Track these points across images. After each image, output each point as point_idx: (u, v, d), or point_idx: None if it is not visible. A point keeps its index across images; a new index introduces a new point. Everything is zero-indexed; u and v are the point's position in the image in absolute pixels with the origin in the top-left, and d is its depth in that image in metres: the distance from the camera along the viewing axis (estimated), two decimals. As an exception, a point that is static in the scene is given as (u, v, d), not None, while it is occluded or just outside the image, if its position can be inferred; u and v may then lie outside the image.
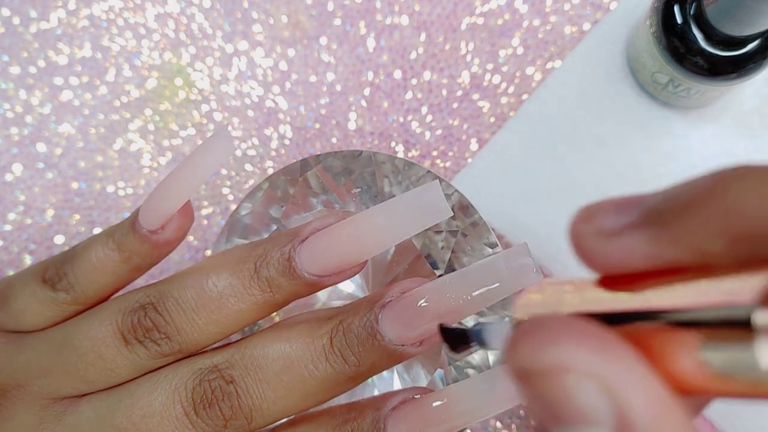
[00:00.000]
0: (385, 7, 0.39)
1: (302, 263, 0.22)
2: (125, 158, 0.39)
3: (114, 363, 0.22)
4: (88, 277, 0.23)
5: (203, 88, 0.39)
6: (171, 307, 0.22)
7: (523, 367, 0.13)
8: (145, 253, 0.24)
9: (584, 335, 0.13)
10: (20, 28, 0.39)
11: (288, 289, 0.22)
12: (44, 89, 0.39)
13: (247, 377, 0.21)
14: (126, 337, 0.22)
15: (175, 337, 0.22)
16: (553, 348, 0.13)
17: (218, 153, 0.22)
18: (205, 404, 0.21)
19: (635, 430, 0.12)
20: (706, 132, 0.37)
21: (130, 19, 0.39)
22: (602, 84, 0.37)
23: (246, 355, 0.22)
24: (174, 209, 0.23)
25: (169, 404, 0.21)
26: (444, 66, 0.39)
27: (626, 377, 0.12)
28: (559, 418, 0.13)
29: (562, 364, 0.13)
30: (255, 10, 0.39)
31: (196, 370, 0.22)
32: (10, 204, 0.39)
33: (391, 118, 0.39)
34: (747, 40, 0.30)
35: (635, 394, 0.12)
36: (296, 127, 0.39)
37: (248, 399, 0.21)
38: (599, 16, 0.38)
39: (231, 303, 0.22)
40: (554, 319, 0.13)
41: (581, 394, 0.12)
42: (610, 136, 0.37)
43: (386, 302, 0.21)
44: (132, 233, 0.23)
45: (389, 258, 0.29)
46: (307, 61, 0.39)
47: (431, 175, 0.28)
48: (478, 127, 0.38)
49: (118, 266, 0.23)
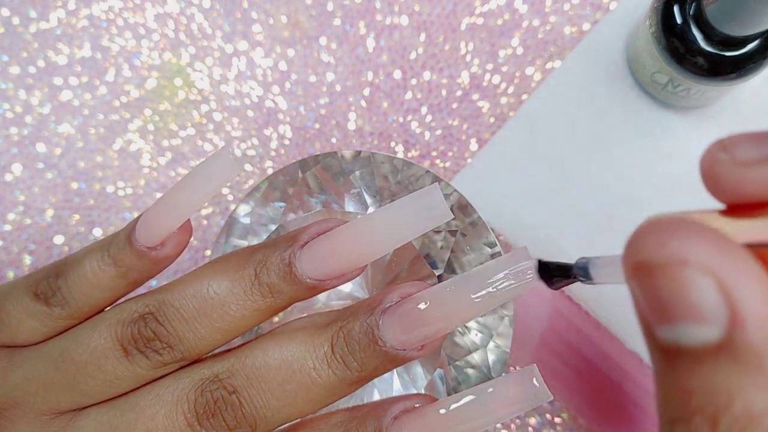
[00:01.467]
0: (384, 7, 0.39)
1: (303, 268, 0.22)
2: (125, 158, 0.39)
3: (114, 375, 0.22)
4: (83, 292, 0.23)
5: (203, 88, 0.39)
6: (172, 317, 0.22)
7: (641, 260, 0.13)
8: (143, 269, 0.23)
9: (706, 234, 0.13)
10: (20, 28, 0.39)
11: (289, 293, 0.22)
12: (44, 89, 0.39)
13: (250, 387, 0.21)
14: (126, 348, 0.22)
15: (177, 346, 0.22)
16: (674, 241, 0.13)
17: (222, 175, 0.22)
18: (208, 414, 0.21)
19: (746, 330, 0.12)
20: (705, 132, 0.37)
21: (130, 19, 0.39)
22: (602, 84, 0.37)
23: (247, 365, 0.21)
24: (174, 227, 0.23)
25: (172, 416, 0.21)
26: (444, 66, 0.39)
27: (743, 277, 0.12)
28: (670, 315, 0.13)
29: (681, 257, 0.13)
30: (255, 10, 0.39)
31: (197, 380, 0.22)
32: (10, 204, 0.39)
33: (390, 118, 0.39)
34: (747, 40, 0.30)
35: (751, 294, 0.12)
36: (296, 127, 0.39)
37: (251, 408, 0.21)
38: (599, 16, 0.38)
39: (233, 310, 0.22)
40: (677, 219, 0.13)
41: (697, 289, 0.12)
42: (609, 136, 0.37)
43: (386, 307, 0.21)
44: (129, 248, 0.23)
45: (388, 258, 0.29)
46: (307, 61, 0.39)
47: (430, 175, 0.28)
48: (478, 127, 0.38)
49: (114, 281, 0.23)
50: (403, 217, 0.21)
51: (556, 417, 0.36)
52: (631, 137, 0.37)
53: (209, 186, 0.22)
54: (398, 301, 0.21)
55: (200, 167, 0.22)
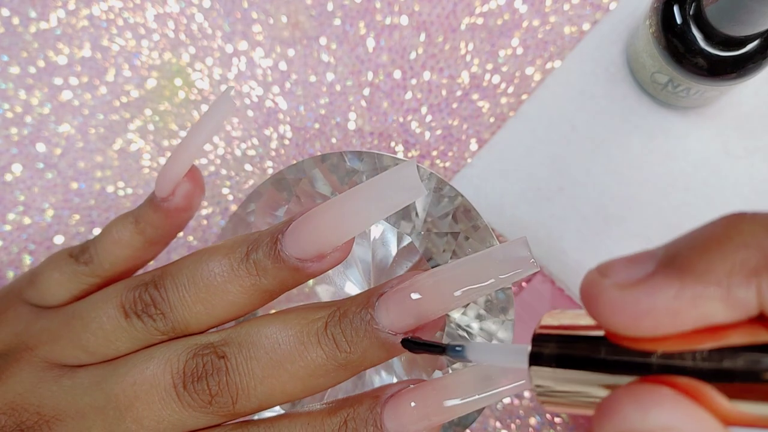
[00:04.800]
0: (384, 7, 0.39)
1: (285, 246, 0.22)
2: (125, 158, 0.39)
3: (114, 335, 0.23)
4: (106, 249, 0.25)
5: (203, 88, 0.39)
6: (168, 284, 0.23)
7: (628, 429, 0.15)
8: (158, 223, 0.25)
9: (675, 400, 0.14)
10: (20, 28, 0.39)
11: (273, 273, 0.22)
12: (44, 89, 0.39)
13: (239, 354, 0.22)
14: (126, 311, 0.23)
15: (168, 314, 0.23)
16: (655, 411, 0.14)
17: (220, 113, 0.23)
18: (194, 378, 0.22)
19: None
20: (705, 132, 0.37)
21: (130, 20, 0.39)
22: (602, 84, 0.37)
23: (242, 334, 0.22)
24: (182, 172, 0.24)
25: (159, 374, 0.22)
26: (444, 66, 0.39)
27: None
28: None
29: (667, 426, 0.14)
30: (255, 11, 0.39)
31: (191, 345, 0.23)
32: (10, 204, 0.39)
33: (390, 118, 0.39)
34: (746, 40, 0.30)
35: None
36: (296, 127, 0.39)
37: (235, 375, 0.22)
38: (599, 16, 0.38)
39: (217, 282, 0.22)
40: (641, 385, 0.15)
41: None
42: (609, 136, 0.37)
43: (383, 292, 0.22)
44: (148, 204, 0.25)
45: (391, 261, 0.29)
46: (307, 61, 0.39)
47: (435, 177, 0.28)
48: (478, 127, 0.38)
49: (133, 238, 0.25)
50: (379, 192, 0.21)
51: (557, 417, 0.36)
52: (631, 137, 0.37)
53: (210, 123, 0.23)
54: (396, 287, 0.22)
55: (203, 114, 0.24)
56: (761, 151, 0.36)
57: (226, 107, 0.23)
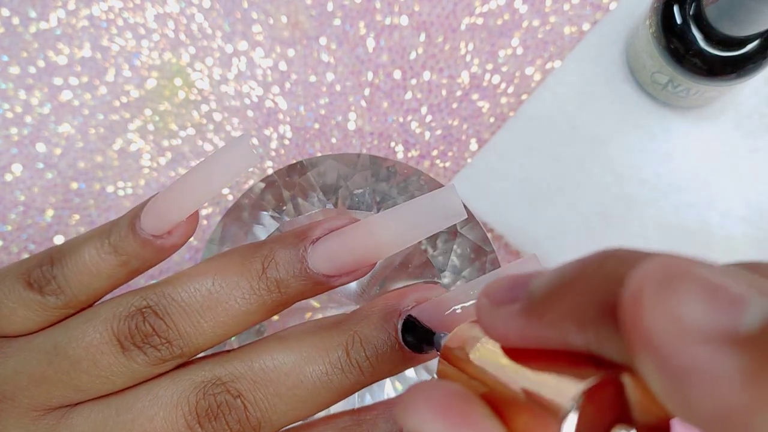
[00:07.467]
0: (384, 8, 0.39)
1: (315, 264, 0.21)
2: (125, 158, 0.39)
3: (110, 371, 0.21)
4: (80, 281, 0.22)
5: (203, 88, 0.39)
6: (173, 311, 0.21)
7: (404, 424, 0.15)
8: (146, 257, 0.22)
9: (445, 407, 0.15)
10: (20, 28, 0.39)
11: (297, 288, 0.22)
12: (44, 89, 0.39)
13: (256, 391, 0.21)
14: (123, 344, 0.21)
15: (177, 341, 0.21)
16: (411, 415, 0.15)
17: (240, 164, 0.21)
18: (210, 417, 0.21)
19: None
20: (705, 132, 0.37)
21: (130, 20, 0.39)
22: (602, 84, 0.37)
23: (255, 369, 0.21)
24: (184, 216, 0.22)
25: (171, 419, 0.21)
26: (444, 66, 0.39)
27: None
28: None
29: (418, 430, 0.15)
30: (254, 11, 0.39)
31: (198, 383, 0.21)
32: (10, 204, 0.39)
33: (390, 118, 0.39)
34: (746, 40, 0.30)
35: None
36: (296, 128, 0.39)
37: (257, 411, 0.21)
38: (599, 17, 0.38)
39: (238, 304, 0.21)
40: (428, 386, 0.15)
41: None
42: (609, 136, 0.37)
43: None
44: (132, 236, 0.22)
45: (392, 260, 0.29)
46: (307, 61, 0.39)
47: (432, 180, 0.28)
48: (478, 127, 0.38)
49: (114, 270, 0.22)
50: (421, 215, 0.21)
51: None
52: (631, 137, 0.37)
53: (226, 175, 0.21)
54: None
55: (216, 155, 0.22)
56: (761, 151, 0.36)
57: (245, 157, 0.21)
